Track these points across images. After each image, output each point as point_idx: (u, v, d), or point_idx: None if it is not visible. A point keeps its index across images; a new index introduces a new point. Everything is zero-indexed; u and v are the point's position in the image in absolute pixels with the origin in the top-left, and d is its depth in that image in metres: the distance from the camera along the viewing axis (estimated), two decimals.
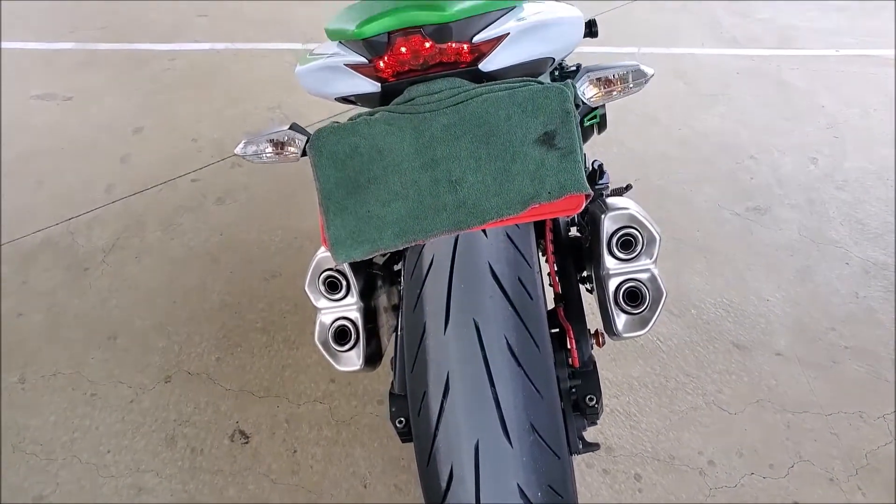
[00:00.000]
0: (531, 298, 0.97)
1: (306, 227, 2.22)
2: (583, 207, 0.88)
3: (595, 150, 2.59)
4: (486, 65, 0.94)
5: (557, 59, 1.06)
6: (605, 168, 1.32)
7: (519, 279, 0.99)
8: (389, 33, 0.86)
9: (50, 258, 2.10)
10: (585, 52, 3.09)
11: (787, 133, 2.71)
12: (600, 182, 1.31)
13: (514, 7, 0.95)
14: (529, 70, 1.01)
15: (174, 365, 1.78)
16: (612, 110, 2.79)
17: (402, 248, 0.92)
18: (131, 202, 2.33)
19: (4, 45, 3.30)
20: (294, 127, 1.00)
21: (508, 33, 0.93)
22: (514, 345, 0.91)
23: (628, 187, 1.43)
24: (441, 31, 0.85)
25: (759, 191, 2.39)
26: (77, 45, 3.32)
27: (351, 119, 0.96)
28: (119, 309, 1.93)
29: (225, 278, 2.04)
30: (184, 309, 1.94)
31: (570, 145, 0.88)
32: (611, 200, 1.08)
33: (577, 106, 0.93)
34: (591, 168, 1.30)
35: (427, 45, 0.87)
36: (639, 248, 1.02)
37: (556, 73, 1.54)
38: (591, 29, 2.00)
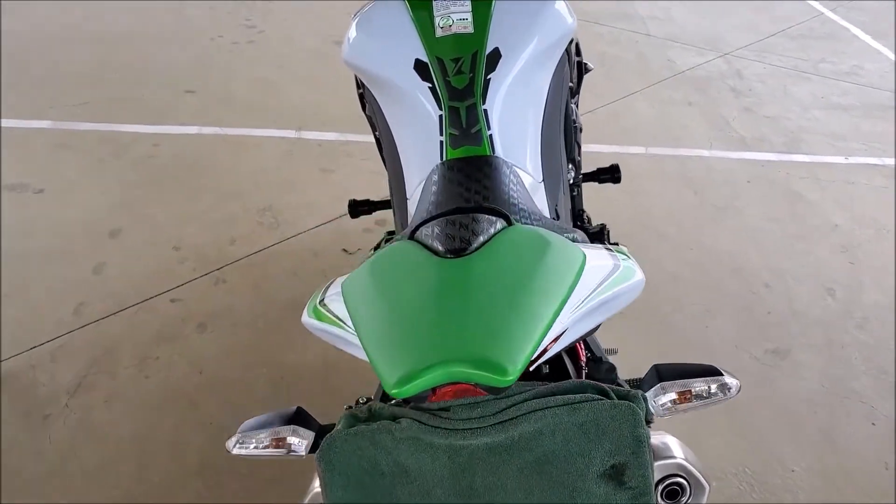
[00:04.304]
0: None
1: (292, 362, 2.05)
2: None
3: None
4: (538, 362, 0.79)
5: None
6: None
7: None
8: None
9: (6, 402, 1.90)
10: (592, 152, 2.97)
11: (800, 256, 2.60)
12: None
13: None
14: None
15: None
16: (618, 223, 2.67)
17: None
18: (103, 326, 2.14)
19: None
20: (299, 415, 0.83)
21: (566, 330, 0.79)
22: None
23: None
24: (499, 388, 0.69)
25: (777, 329, 2.26)
26: (55, 124, 3.13)
27: (370, 414, 0.80)
28: (82, 474, 1.73)
29: (204, 430, 1.85)
30: (157, 471, 1.74)
31: (642, 485, 0.73)
32: (656, 444, 0.95)
33: (648, 422, 0.78)
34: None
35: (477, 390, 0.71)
36: (686, 497, 0.89)
37: None
38: (613, 175, 1.88)
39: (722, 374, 0.81)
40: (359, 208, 1.83)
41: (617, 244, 1.13)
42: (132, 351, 2.06)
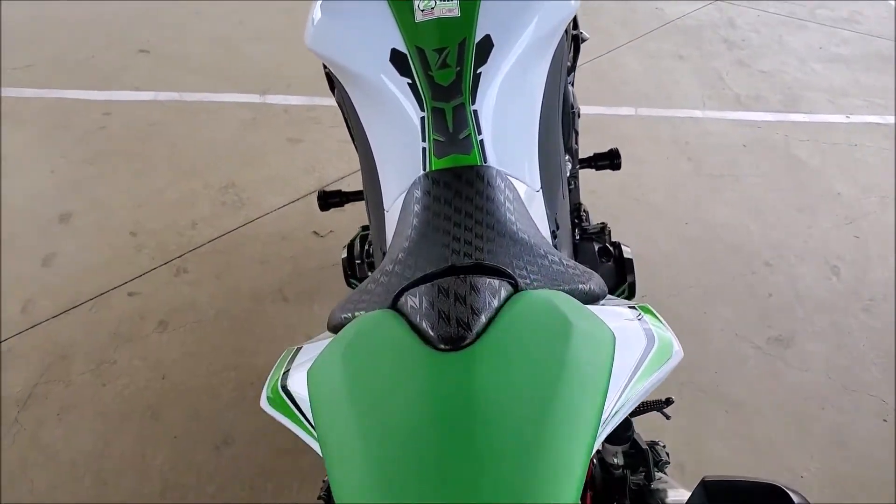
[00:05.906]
0: None
1: (261, 364, 1.88)
2: None
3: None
4: None
5: None
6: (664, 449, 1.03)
7: None
8: None
9: None
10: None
11: (803, 230, 2.45)
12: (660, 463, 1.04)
13: None
14: None
15: None
16: (609, 196, 2.51)
17: None
18: (55, 326, 1.95)
19: None
20: None
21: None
22: None
23: (668, 401, 1.15)
24: None
25: (780, 313, 2.13)
26: None
27: None
28: (33, 496, 1.58)
29: (168, 444, 1.69)
30: (117, 493, 1.59)
31: None
32: (669, 499, 0.85)
33: None
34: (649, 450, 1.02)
35: None
36: None
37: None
38: (613, 161, 1.70)
39: (787, 494, 0.66)
40: (329, 200, 1.66)
41: (632, 292, 0.96)
42: (87, 354, 1.89)
